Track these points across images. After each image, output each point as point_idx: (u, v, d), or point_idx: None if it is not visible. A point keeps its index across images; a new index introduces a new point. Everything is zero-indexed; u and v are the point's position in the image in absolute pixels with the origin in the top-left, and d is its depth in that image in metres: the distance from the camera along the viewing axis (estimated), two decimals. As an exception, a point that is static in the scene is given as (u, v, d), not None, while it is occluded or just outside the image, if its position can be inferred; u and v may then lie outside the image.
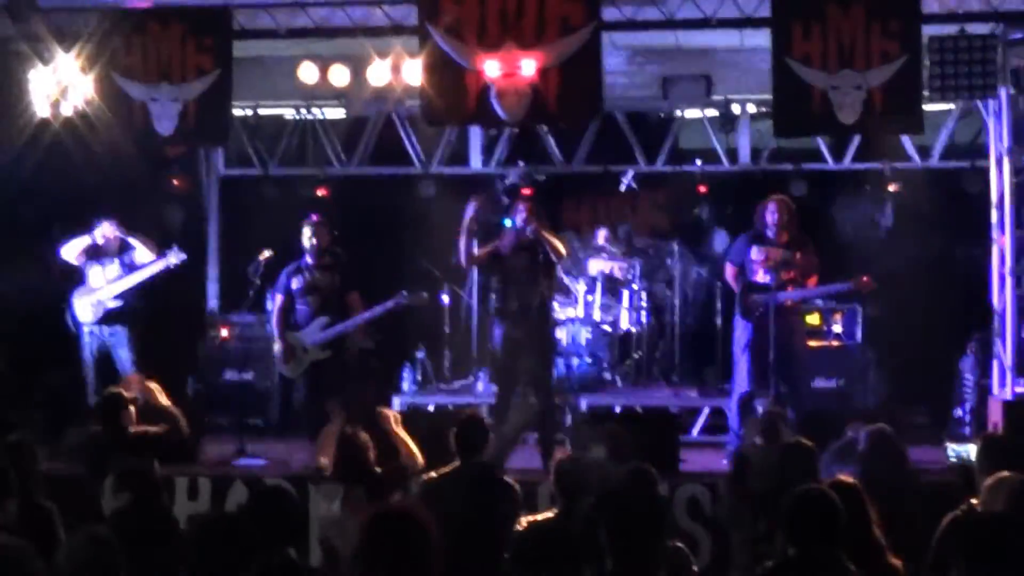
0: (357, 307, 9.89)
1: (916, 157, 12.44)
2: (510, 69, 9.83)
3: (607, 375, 12.31)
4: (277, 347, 9.95)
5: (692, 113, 12.82)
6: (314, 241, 9.87)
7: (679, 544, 5.84)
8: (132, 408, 8.81)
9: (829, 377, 11.49)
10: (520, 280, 9.69)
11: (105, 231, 10.89)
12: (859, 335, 11.81)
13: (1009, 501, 5.19)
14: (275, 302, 10.06)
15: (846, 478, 5.62)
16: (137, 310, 11.04)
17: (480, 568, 5.69)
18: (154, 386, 10.04)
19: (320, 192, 13.14)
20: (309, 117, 13.11)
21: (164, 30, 10.39)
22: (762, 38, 10.02)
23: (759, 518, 6.59)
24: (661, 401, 11.75)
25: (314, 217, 10.14)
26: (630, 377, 12.54)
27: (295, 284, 9.93)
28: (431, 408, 11.63)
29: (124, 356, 10.95)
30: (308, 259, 9.93)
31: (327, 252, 9.96)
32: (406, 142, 12.99)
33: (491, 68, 9.87)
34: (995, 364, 10.51)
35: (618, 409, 11.29)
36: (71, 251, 10.89)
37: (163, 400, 9.94)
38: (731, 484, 7.62)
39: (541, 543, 5.39)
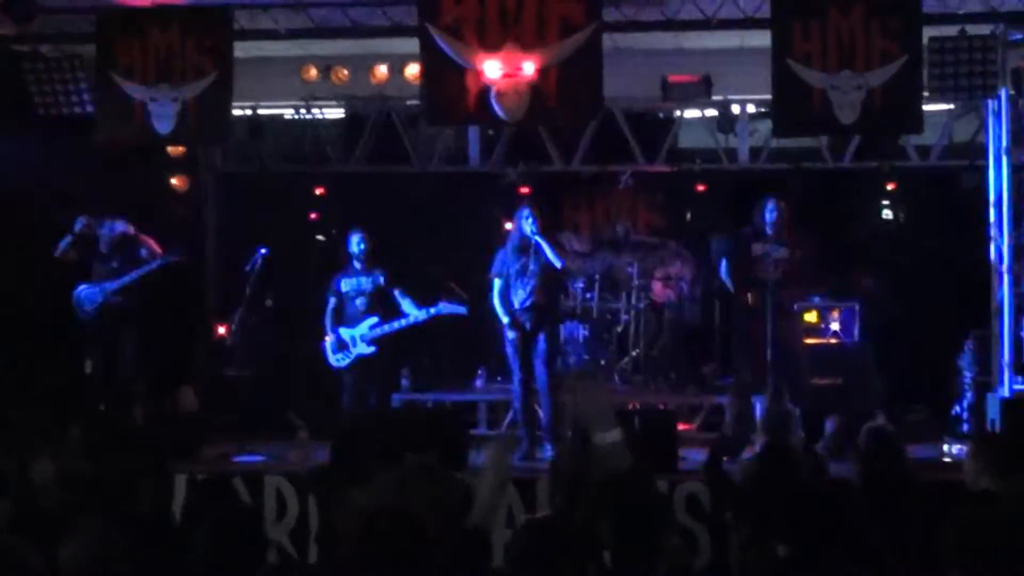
0: (404, 302, 10.61)
1: (915, 156, 12.46)
2: (510, 69, 9.85)
3: (605, 373, 12.33)
4: (330, 339, 10.69)
5: (691, 113, 12.83)
6: (362, 247, 10.64)
7: (678, 541, 5.84)
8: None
9: (827, 375, 11.50)
10: (522, 282, 9.98)
11: (109, 227, 10.98)
12: (857, 333, 11.83)
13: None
14: (327, 303, 10.77)
15: (844, 477, 5.64)
16: (137, 306, 11.08)
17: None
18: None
19: (319, 191, 13.16)
20: (308, 117, 13.12)
21: (164, 30, 10.41)
22: (761, 38, 10.02)
23: (741, 521, 6.58)
24: (659, 398, 11.76)
25: (360, 226, 10.89)
26: (628, 375, 12.55)
27: (345, 287, 10.71)
28: (429, 405, 11.73)
29: (124, 353, 10.99)
30: (356, 264, 10.68)
31: (373, 257, 10.68)
32: (405, 141, 12.99)
33: (491, 68, 9.89)
34: (994, 362, 10.54)
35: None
36: (59, 252, 10.99)
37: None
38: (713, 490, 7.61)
39: (539, 542, 5.41)
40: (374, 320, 10.56)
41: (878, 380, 11.50)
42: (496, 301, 10.24)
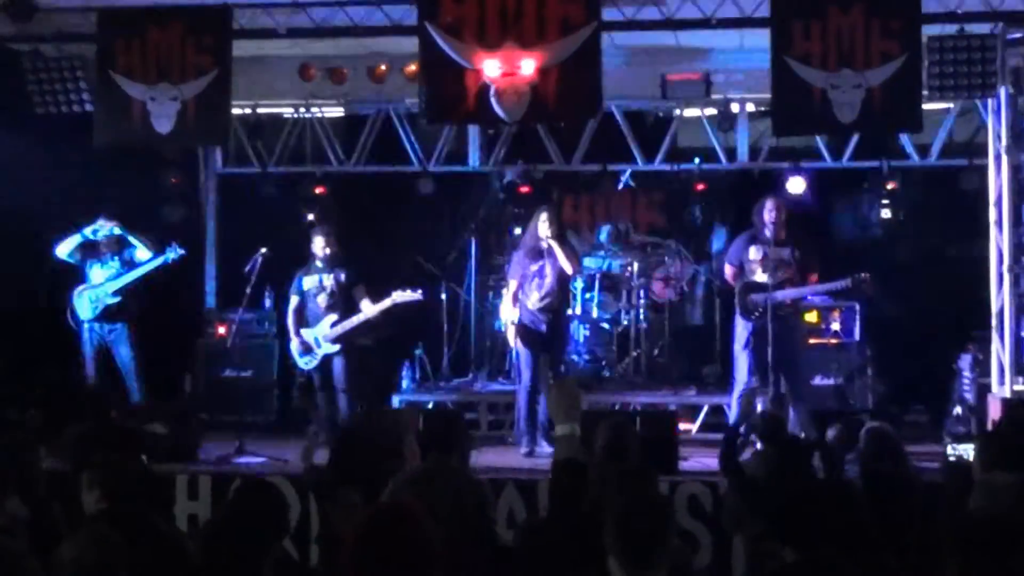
0: (362, 298, 10.59)
1: (915, 155, 12.45)
2: (510, 68, 9.86)
3: (605, 373, 12.33)
4: (294, 343, 10.74)
5: (691, 112, 12.82)
6: (327, 250, 10.65)
7: (678, 542, 5.83)
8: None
9: (827, 375, 11.50)
10: (537, 285, 10.19)
11: (103, 228, 10.95)
12: (857, 333, 11.81)
13: (1005, 502, 5.18)
14: (290, 303, 10.82)
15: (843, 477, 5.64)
16: (136, 307, 11.08)
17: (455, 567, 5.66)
18: None
19: (318, 190, 13.15)
20: (308, 116, 13.12)
21: (164, 29, 10.41)
22: (761, 37, 10.02)
23: (756, 516, 6.60)
24: (660, 399, 11.75)
25: (323, 226, 11.00)
26: (628, 375, 12.54)
27: (307, 285, 10.70)
28: (430, 406, 11.71)
29: (123, 353, 11.00)
30: (319, 263, 10.67)
31: (334, 256, 10.66)
32: (405, 141, 12.98)
33: (491, 67, 9.89)
34: (994, 362, 10.53)
35: (617, 407, 11.32)
36: (64, 248, 10.98)
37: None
38: (732, 481, 7.61)
39: (538, 543, 5.40)
40: (334, 318, 10.54)
41: (877, 380, 11.52)
42: (509, 302, 10.43)
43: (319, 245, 10.65)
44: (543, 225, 10.14)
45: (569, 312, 11.52)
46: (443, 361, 12.62)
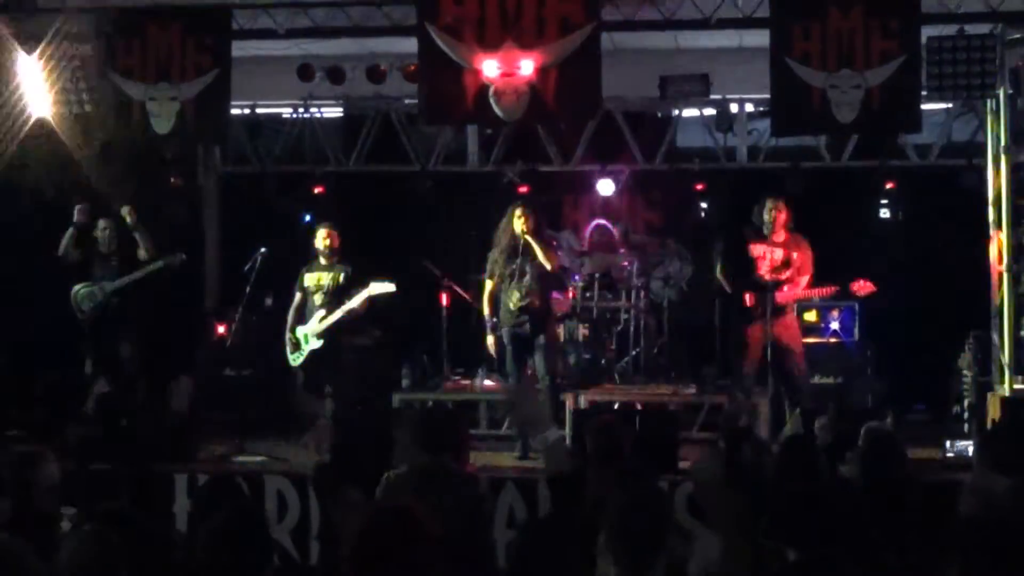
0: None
1: (914, 155, 12.45)
2: (509, 69, 9.87)
3: (605, 372, 12.31)
4: (288, 338, 10.70)
5: (690, 112, 12.82)
6: (328, 243, 10.58)
7: (679, 541, 5.82)
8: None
9: (827, 374, 11.50)
10: (516, 284, 9.96)
11: (101, 230, 10.98)
12: (857, 332, 11.82)
13: (1000, 505, 5.20)
14: (293, 299, 10.76)
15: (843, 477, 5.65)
16: (136, 306, 11.08)
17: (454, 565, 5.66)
18: None
19: (318, 190, 13.16)
20: (307, 116, 13.13)
21: (163, 29, 10.43)
22: (760, 38, 10.03)
23: (757, 513, 6.58)
24: (660, 398, 11.74)
25: (326, 222, 10.87)
26: (628, 374, 12.53)
27: (308, 282, 10.64)
28: (429, 405, 11.71)
29: (124, 352, 11.00)
30: (322, 260, 10.62)
31: (337, 253, 10.62)
32: (404, 141, 12.99)
33: (490, 68, 9.90)
34: (994, 361, 10.53)
35: (616, 407, 11.31)
36: (63, 249, 10.99)
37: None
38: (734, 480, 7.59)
39: (539, 542, 5.39)
40: (322, 314, 10.51)
41: (876, 380, 11.51)
42: (484, 303, 10.27)
43: (320, 237, 10.60)
44: (518, 221, 9.91)
45: (558, 311, 11.48)
46: (443, 360, 12.62)
